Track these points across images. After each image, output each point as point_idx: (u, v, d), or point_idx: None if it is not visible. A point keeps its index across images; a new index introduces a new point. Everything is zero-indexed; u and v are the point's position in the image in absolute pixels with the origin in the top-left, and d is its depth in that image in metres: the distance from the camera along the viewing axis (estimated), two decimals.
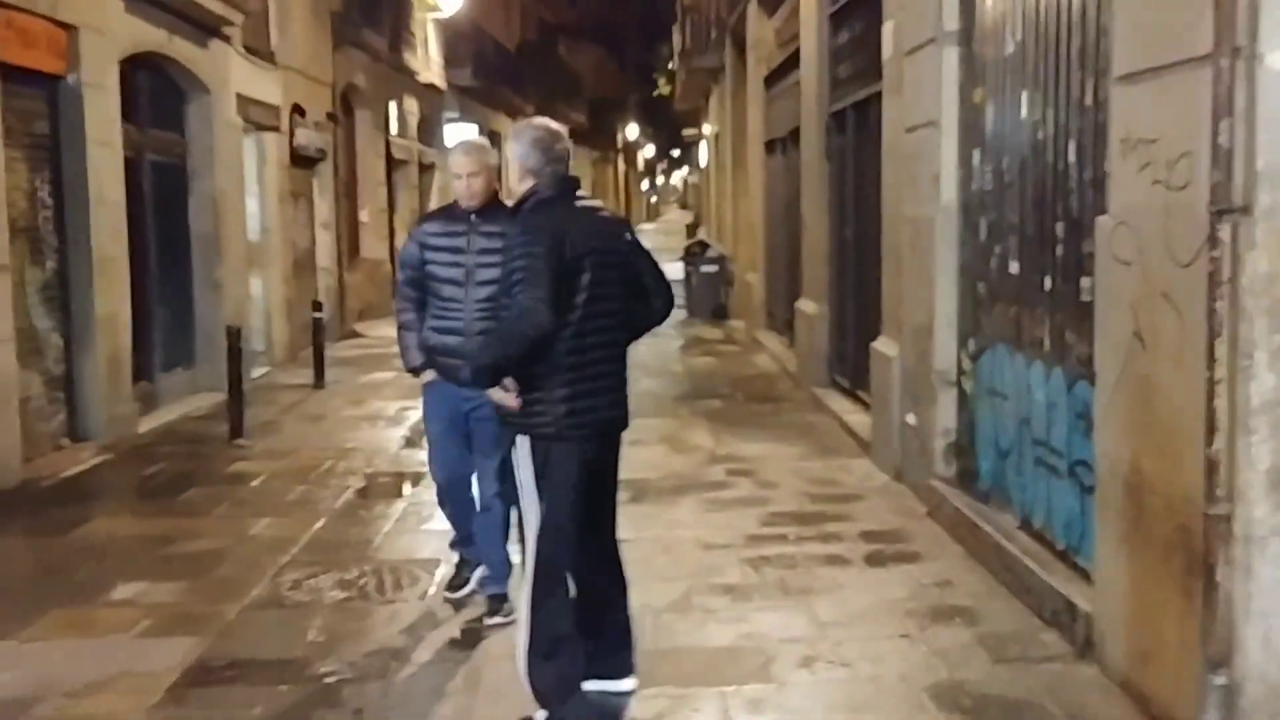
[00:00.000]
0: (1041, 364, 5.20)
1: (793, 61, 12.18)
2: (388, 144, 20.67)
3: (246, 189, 13.29)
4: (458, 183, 4.89)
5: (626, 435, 8.79)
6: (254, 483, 7.97)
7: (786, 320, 13.18)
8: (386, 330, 17.44)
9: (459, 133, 26.31)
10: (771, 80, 14.14)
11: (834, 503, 6.90)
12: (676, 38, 23.81)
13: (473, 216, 4.94)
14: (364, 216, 19.32)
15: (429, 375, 5.06)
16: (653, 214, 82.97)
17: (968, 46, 6.24)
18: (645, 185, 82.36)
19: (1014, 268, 5.56)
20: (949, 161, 6.38)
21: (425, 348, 5.03)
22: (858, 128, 9.27)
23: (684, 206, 74.57)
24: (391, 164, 21.29)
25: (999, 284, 5.77)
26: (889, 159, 7.64)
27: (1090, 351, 4.56)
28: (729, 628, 4.92)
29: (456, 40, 25.18)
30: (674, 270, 22.19)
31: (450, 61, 24.95)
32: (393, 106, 21.45)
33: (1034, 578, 4.91)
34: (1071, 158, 4.86)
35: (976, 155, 6.09)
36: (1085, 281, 4.70)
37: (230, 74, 12.05)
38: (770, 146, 14.40)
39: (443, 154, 25.54)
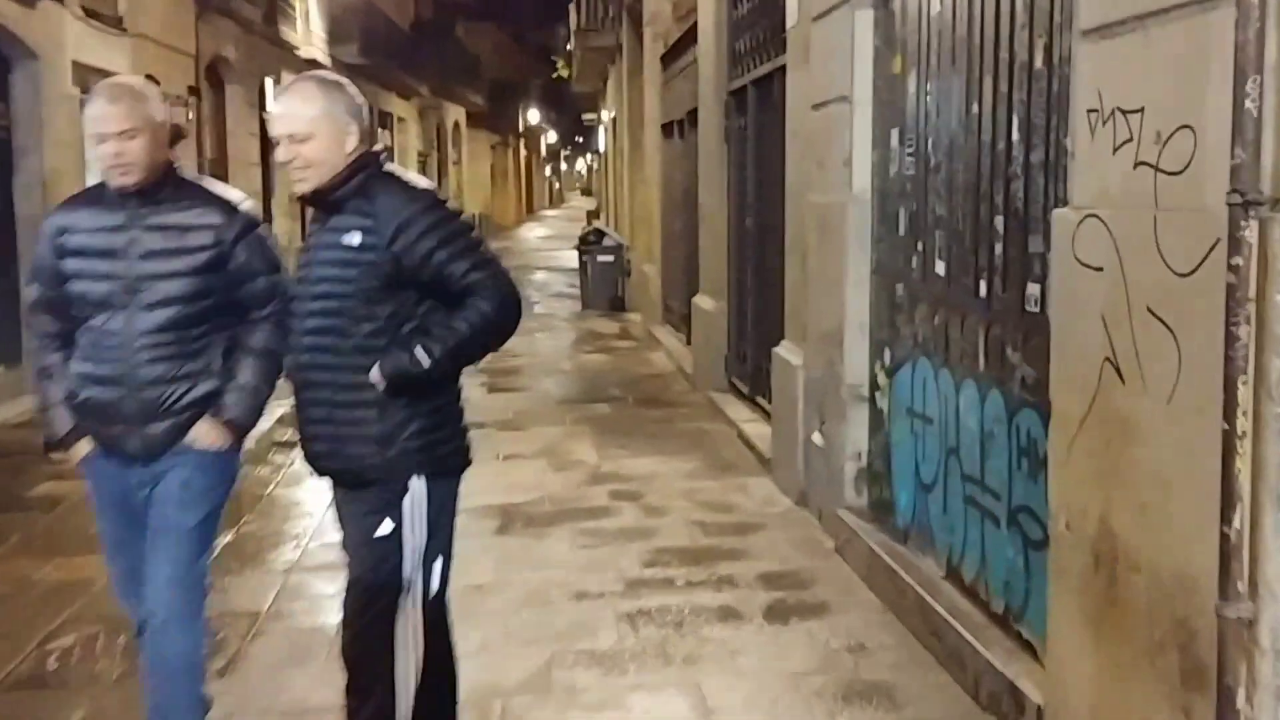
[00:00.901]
0: (974, 385, 4.32)
1: (691, 36, 11.27)
2: (262, 122, 19.29)
3: (87, 167, 11.97)
4: (102, 147, 3.18)
5: (502, 449, 7.72)
6: (58, 508, 6.80)
7: (684, 315, 12.27)
8: None
9: None
10: (669, 58, 13.21)
11: (729, 535, 5.98)
12: (573, 15, 22.76)
13: (132, 201, 3.26)
14: None
15: (83, 448, 3.39)
16: (556, 201, 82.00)
17: (884, 8, 5.34)
18: (548, 171, 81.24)
19: (940, 268, 4.69)
20: (862, 142, 5.49)
21: (73, 406, 3.37)
22: (760, 107, 8.37)
23: (587, 193, 73.65)
24: (267, 144, 19.95)
25: (921, 286, 4.90)
26: (794, 140, 6.74)
27: (1040, 375, 3.69)
28: (595, 717, 3.96)
29: (343, 15, 23.83)
30: (573, 260, 21.23)
31: (335, 37, 23.60)
32: (269, 83, 20.07)
33: (966, 647, 4.04)
34: (1015, 135, 3.98)
35: (895, 135, 5.20)
36: (1033, 289, 3.83)
37: (65, 39, 10.75)
38: (667, 129, 13.48)
39: None
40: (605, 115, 25.82)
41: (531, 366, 12.10)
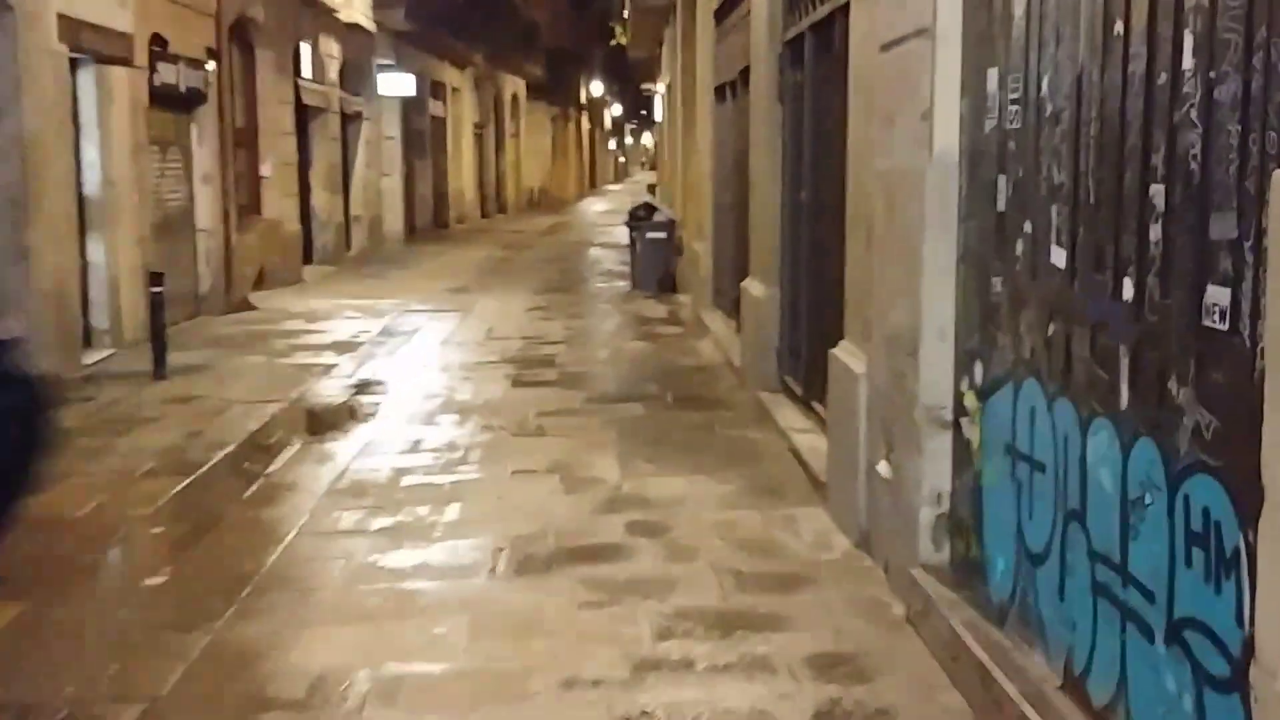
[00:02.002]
0: (1111, 427, 3.03)
1: None
2: (297, 89, 18.22)
3: (84, 133, 10.95)
4: None
5: (512, 462, 6.40)
6: None
7: (735, 300, 10.98)
8: (287, 300, 15.16)
9: (394, 82, 23.89)
10: (722, 12, 11.88)
11: (770, 592, 4.71)
12: None
13: None
14: (265, 170, 16.97)
15: None
16: (620, 175, 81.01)
17: None
18: (613, 145, 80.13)
19: (1058, 257, 3.39)
20: (947, 87, 4.19)
21: None
22: (818, 57, 7.05)
23: (653, 168, 72.36)
24: (304, 112, 18.88)
25: (1029, 282, 3.60)
26: (856, 93, 5.44)
27: (1228, 429, 2.41)
28: None
29: None
30: (620, 236, 20.00)
31: (381, 2, 22.46)
32: (305, 47, 19.00)
33: None
34: (1188, 60, 2.67)
35: (993, 76, 3.90)
36: (1216, 294, 2.53)
37: None
38: (720, 93, 12.16)
39: (372, 103, 23.13)
40: (661, 83, 24.52)
41: (566, 356, 10.90)
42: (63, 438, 1.61)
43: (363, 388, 9.42)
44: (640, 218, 17.03)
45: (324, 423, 8.23)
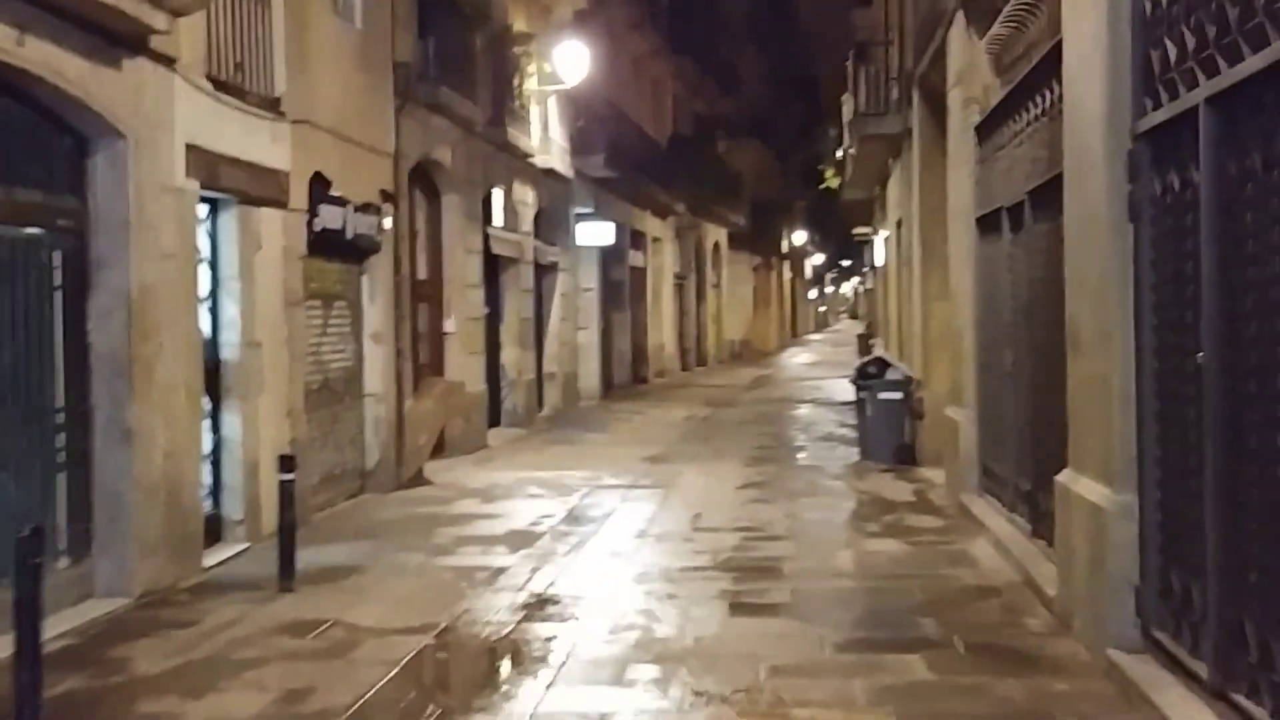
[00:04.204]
0: None
1: (1037, 81, 7.58)
2: (487, 238, 16.58)
3: (222, 286, 9.23)
4: None
5: None
6: None
7: (1025, 491, 8.29)
8: (466, 473, 13.19)
9: (592, 232, 22.35)
10: (989, 126, 9.49)
11: None
12: (847, 107, 19.32)
13: None
14: (449, 326, 15.25)
15: None
16: (821, 325, 79.34)
17: None
18: (813, 294, 78.47)
19: None
20: None
21: None
22: (1230, 145, 4.49)
23: (854, 317, 70.54)
24: (494, 262, 17.25)
25: None
26: None
27: None
28: None
29: (588, 123, 21.26)
30: (844, 392, 17.50)
31: (579, 147, 21.03)
32: (497, 193, 17.45)
33: None
34: None
35: None
36: None
37: (171, 114, 7.98)
38: (987, 223, 9.68)
39: (569, 253, 21.58)
40: (883, 223, 22.18)
41: (793, 561, 8.36)
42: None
43: (534, 608, 7.12)
44: (870, 374, 14.48)
45: (474, 675, 5.94)
